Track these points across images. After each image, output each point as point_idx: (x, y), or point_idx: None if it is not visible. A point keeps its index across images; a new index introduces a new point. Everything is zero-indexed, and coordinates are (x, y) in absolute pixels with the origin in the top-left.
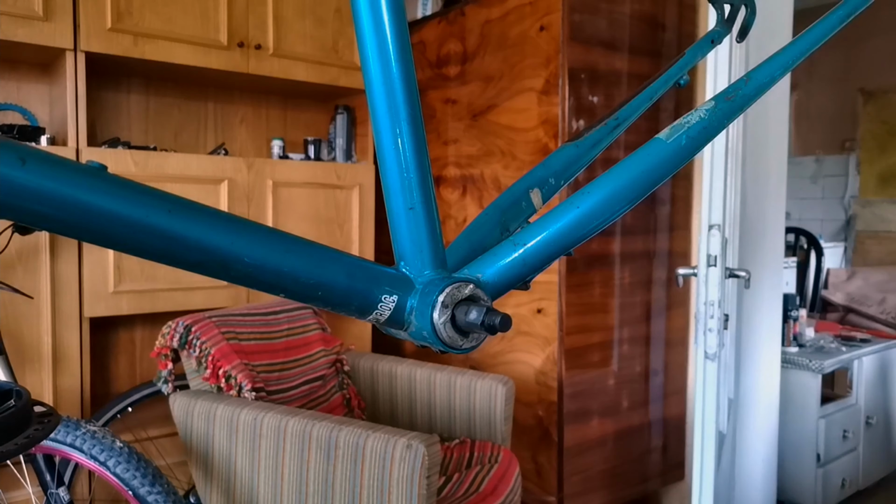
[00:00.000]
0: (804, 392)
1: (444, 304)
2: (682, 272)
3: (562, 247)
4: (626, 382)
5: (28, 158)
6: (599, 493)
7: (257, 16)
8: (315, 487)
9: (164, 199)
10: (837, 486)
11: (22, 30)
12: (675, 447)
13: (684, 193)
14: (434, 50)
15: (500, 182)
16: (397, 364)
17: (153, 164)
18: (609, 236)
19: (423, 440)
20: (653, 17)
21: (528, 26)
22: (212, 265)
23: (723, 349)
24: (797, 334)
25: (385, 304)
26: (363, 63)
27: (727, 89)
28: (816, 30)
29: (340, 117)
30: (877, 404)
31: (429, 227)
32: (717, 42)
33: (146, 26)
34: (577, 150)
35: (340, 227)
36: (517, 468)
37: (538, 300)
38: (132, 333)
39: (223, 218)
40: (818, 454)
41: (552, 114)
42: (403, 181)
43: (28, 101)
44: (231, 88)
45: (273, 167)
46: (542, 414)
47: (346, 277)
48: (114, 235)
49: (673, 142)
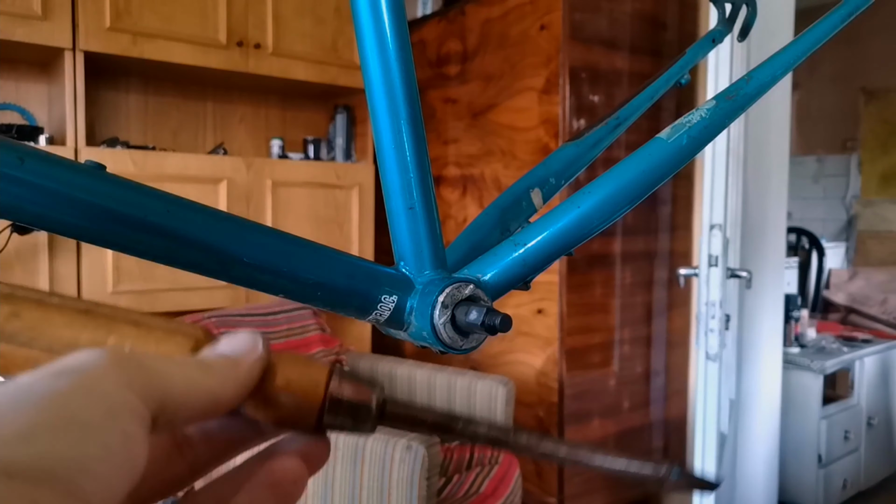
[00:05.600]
0: (806, 393)
1: (444, 304)
2: (684, 272)
3: (562, 247)
4: (626, 383)
5: (27, 158)
6: (600, 494)
7: (256, 15)
8: (315, 489)
9: (163, 199)
10: (839, 487)
11: (21, 29)
12: (677, 448)
13: (685, 193)
14: (434, 49)
15: (501, 182)
16: (397, 365)
17: (152, 163)
18: (610, 236)
19: (423, 441)
20: (654, 16)
21: (529, 25)
22: (211, 265)
23: (724, 350)
24: (799, 335)
25: (385, 305)
26: (363, 62)
27: (728, 89)
28: (818, 29)
29: (340, 117)
30: (878, 405)
31: (429, 227)
32: (718, 41)
33: (145, 25)
34: (577, 149)
35: (340, 227)
36: (517, 469)
37: (539, 300)
38: None
39: (222, 218)
40: (819, 455)
41: (553, 113)
42: (403, 181)
43: (27, 101)
44: (230, 88)
45: (272, 167)
46: (542, 415)
47: (345, 277)
48: (112, 235)
49: (674, 141)
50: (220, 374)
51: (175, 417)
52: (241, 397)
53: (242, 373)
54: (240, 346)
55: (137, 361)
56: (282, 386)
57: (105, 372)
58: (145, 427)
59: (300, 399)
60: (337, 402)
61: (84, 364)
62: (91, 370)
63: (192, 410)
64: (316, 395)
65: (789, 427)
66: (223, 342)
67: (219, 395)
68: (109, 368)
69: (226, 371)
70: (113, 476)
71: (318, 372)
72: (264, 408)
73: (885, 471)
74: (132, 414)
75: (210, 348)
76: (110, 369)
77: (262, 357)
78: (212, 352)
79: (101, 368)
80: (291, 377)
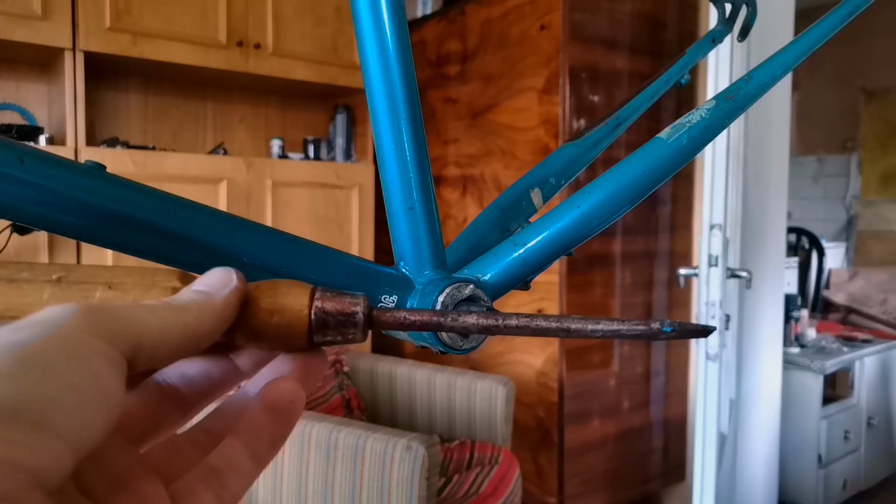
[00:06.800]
0: (806, 393)
1: (444, 304)
2: (684, 272)
3: (562, 247)
4: (626, 383)
5: (26, 158)
6: (600, 494)
7: (256, 15)
8: (314, 488)
9: (163, 199)
10: (839, 487)
11: (20, 29)
12: (676, 448)
13: (685, 193)
14: (434, 49)
15: (501, 182)
16: (397, 365)
17: (152, 163)
18: (610, 236)
19: (423, 441)
20: (654, 16)
21: (529, 25)
22: (210, 265)
23: (724, 350)
24: (799, 335)
25: (385, 305)
26: (363, 62)
27: (728, 88)
28: (817, 29)
29: (340, 117)
30: (878, 405)
31: (429, 227)
32: (718, 41)
33: (145, 25)
34: (577, 149)
35: (340, 227)
36: (517, 469)
37: (539, 300)
38: None
39: (222, 218)
40: (819, 455)
41: (553, 113)
42: (403, 181)
43: (27, 101)
44: (230, 88)
45: (272, 167)
46: (542, 415)
47: (345, 277)
48: (112, 235)
49: (674, 141)
50: (195, 309)
51: (154, 356)
52: (219, 329)
53: (218, 305)
54: (213, 281)
55: (105, 310)
56: (266, 313)
57: (70, 322)
58: (117, 367)
59: (287, 323)
60: (323, 319)
61: (49, 317)
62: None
63: (171, 348)
64: (301, 316)
65: (789, 427)
66: (199, 281)
67: (196, 329)
68: (74, 319)
69: (201, 306)
70: (86, 412)
71: (300, 293)
72: (254, 337)
73: (885, 471)
74: (100, 355)
75: (186, 289)
76: (75, 319)
77: (237, 288)
78: (187, 291)
79: (65, 319)
80: (274, 304)
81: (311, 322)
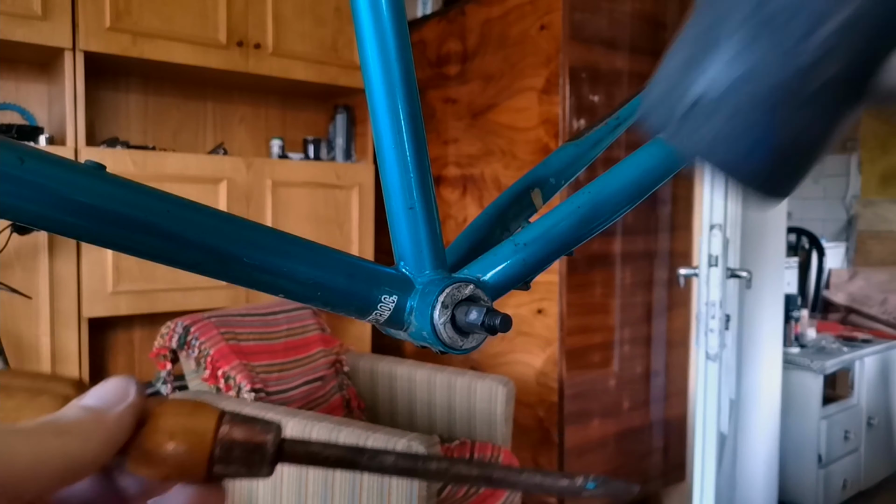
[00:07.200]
0: (806, 393)
1: (445, 304)
2: (684, 272)
3: (562, 247)
4: (626, 383)
5: (26, 158)
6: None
7: (256, 15)
8: (314, 489)
9: (163, 199)
10: (839, 487)
11: (20, 29)
12: (676, 448)
13: (685, 193)
14: (434, 49)
15: (501, 182)
16: (397, 365)
17: (152, 163)
18: (610, 236)
19: (423, 441)
20: (654, 15)
21: (529, 25)
22: (210, 265)
23: (724, 350)
24: (798, 335)
25: (385, 305)
26: (363, 62)
27: None
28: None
29: (340, 117)
30: (878, 405)
31: (429, 227)
32: None
33: (145, 25)
34: (577, 149)
35: (340, 227)
36: None
37: (539, 300)
38: (131, 334)
39: (222, 218)
40: (819, 455)
41: (553, 113)
42: (403, 181)
43: (27, 101)
44: (230, 88)
45: (272, 167)
46: (542, 415)
47: (345, 278)
48: (112, 235)
49: None
50: (79, 432)
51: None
52: (108, 454)
53: (108, 426)
54: (107, 395)
55: None
56: (165, 436)
57: None
58: None
59: (186, 449)
60: (229, 448)
61: None
62: None
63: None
64: (204, 443)
65: (789, 427)
66: (90, 393)
67: (77, 456)
68: None
69: (88, 427)
70: None
71: (205, 418)
72: (147, 463)
73: (885, 471)
74: None
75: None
76: None
77: (134, 404)
78: (73, 407)
79: None
80: (175, 426)
81: (213, 451)
